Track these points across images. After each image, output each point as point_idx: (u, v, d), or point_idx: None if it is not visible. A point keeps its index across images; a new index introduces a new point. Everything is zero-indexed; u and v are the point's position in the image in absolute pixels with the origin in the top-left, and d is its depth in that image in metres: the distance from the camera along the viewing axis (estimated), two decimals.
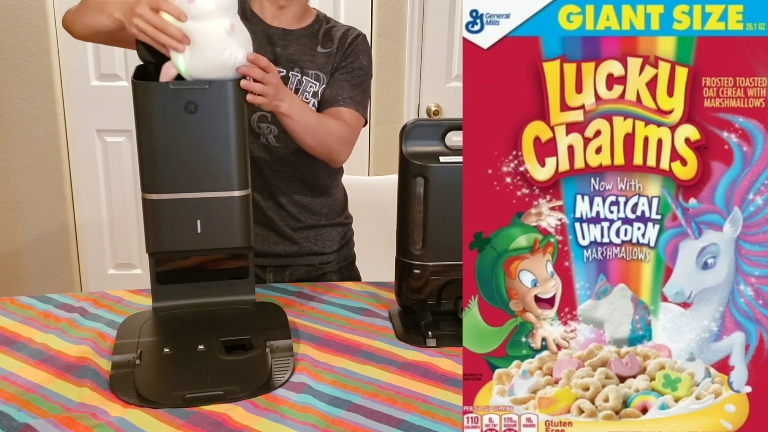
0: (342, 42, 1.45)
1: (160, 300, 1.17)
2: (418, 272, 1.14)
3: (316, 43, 1.44)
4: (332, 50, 1.44)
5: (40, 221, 2.68)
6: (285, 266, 1.50)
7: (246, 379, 1.00)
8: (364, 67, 1.46)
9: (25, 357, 1.06)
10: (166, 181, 1.09)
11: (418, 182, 1.10)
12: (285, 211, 1.47)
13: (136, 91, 1.05)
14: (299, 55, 1.42)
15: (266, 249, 1.48)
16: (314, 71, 1.42)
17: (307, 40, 1.44)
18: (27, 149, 2.58)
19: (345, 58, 1.44)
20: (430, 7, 2.71)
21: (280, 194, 1.46)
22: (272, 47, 1.41)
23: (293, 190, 1.46)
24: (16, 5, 2.42)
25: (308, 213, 1.49)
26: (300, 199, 1.47)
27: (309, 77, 1.41)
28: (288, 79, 1.40)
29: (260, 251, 1.48)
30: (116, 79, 2.55)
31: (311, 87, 1.41)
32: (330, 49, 1.43)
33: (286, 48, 1.41)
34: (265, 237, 1.47)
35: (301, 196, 1.47)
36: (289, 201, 1.46)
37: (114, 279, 2.86)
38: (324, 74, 1.42)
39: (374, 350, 1.12)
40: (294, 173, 1.45)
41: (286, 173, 1.44)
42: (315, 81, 1.41)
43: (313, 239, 1.50)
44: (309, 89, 1.41)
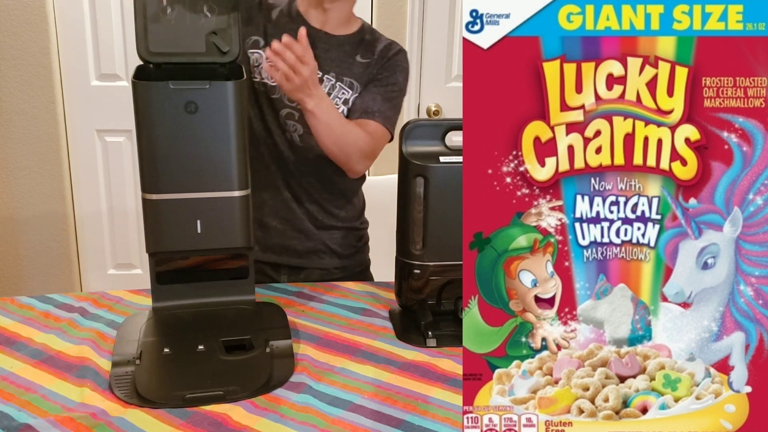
0: (382, 55, 1.44)
1: (160, 300, 1.17)
2: (418, 272, 1.14)
3: (356, 52, 1.44)
4: (371, 61, 1.44)
5: (40, 221, 2.68)
6: (300, 268, 1.51)
7: (246, 379, 1.00)
8: (399, 84, 1.45)
9: (25, 357, 1.06)
10: (166, 181, 1.09)
11: (418, 182, 1.10)
12: (304, 207, 1.48)
13: (136, 91, 1.05)
14: (338, 61, 1.42)
15: (282, 243, 1.48)
16: (349, 79, 1.42)
17: (349, 47, 1.44)
18: (27, 149, 2.58)
19: (382, 71, 1.44)
20: (430, 7, 2.71)
21: (301, 191, 1.47)
22: (312, 49, 1.41)
23: (313, 190, 1.47)
24: (16, 5, 2.42)
25: (326, 214, 1.50)
26: (319, 199, 1.48)
27: (343, 84, 1.42)
28: (322, 82, 1.40)
29: (276, 245, 1.49)
30: (116, 79, 2.55)
31: (343, 94, 1.42)
32: (369, 60, 1.43)
33: (327, 52, 1.42)
34: (282, 231, 1.48)
35: (321, 197, 1.48)
36: (308, 199, 1.47)
37: (114, 279, 2.86)
38: (358, 83, 1.43)
39: (374, 350, 1.12)
40: (315, 174, 1.45)
41: (307, 173, 1.45)
42: (348, 89, 1.42)
43: (329, 239, 1.51)
44: (341, 96, 1.42)
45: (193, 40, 1.08)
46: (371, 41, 1.46)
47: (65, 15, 2.48)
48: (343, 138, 1.32)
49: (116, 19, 2.54)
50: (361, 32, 1.46)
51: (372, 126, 1.37)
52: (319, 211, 1.48)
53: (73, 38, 2.52)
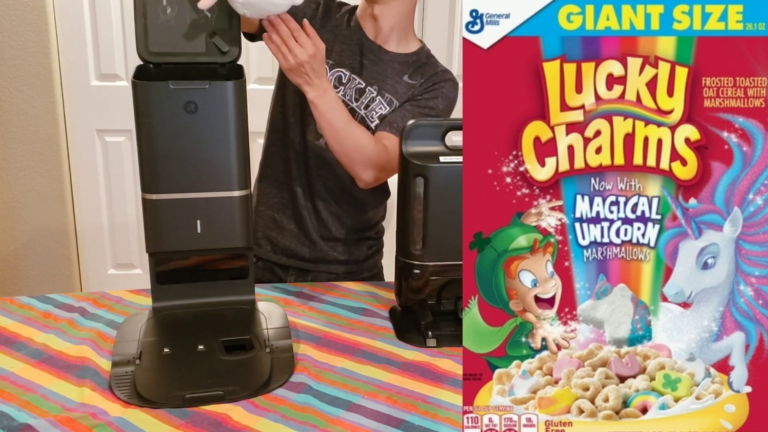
0: (429, 79, 1.42)
1: (160, 300, 1.17)
2: (418, 272, 1.14)
3: (406, 72, 1.42)
4: (416, 83, 1.42)
5: (40, 221, 2.68)
6: (307, 270, 1.51)
7: (246, 379, 1.00)
8: (437, 109, 1.41)
9: (25, 357, 1.06)
10: (166, 181, 1.09)
11: (418, 182, 1.09)
12: (319, 216, 1.47)
13: (136, 91, 1.05)
14: (384, 76, 1.41)
15: (293, 248, 1.49)
16: (390, 96, 1.41)
17: (399, 66, 1.42)
18: (27, 149, 2.58)
19: (423, 93, 1.41)
20: (430, 7, 2.71)
21: (319, 198, 1.46)
22: (360, 57, 1.41)
23: (333, 198, 1.47)
24: (16, 5, 2.42)
25: (340, 225, 1.49)
26: (337, 210, 1.48)
27: (383, 99, 1.40)
28: (363, 92, 1.40)
29: (288, 248, 1.50)
30: (116, 79, 2.55)
31: (381, 109, 1.40)
32: (415, 82, 1.42)
33: (375, 64, 1.41)
34: (296, 235, 1.49)
35: (339, 207, 1.48)
36: (325, 207, 1.47)
37: (114, 279, 2.86)
38: (397, 101, 1.41)
39: (374, 350, 1.12)
40: (336, 181, 1.45)
41: (329, 179, 1.45)
42: (387, 105, 1.40)
43: (338, 250, 1.51)
44: (378, 110, 1.40)
45: (193, 40, 1.08)
46: (425, 65, 1.44)
47: (65, 15, 2.48)
48: (346, 141, 1.30)
49: (116, 19, 2.54)
50: (417, 54, 1.45)
51: (389, 139, 1.34)
52: (333, 222, 1.48)
53: (73, 38, 2.52)
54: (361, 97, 1.40)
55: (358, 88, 1.40)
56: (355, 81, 1.41)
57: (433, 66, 1.45)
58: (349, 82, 1.41)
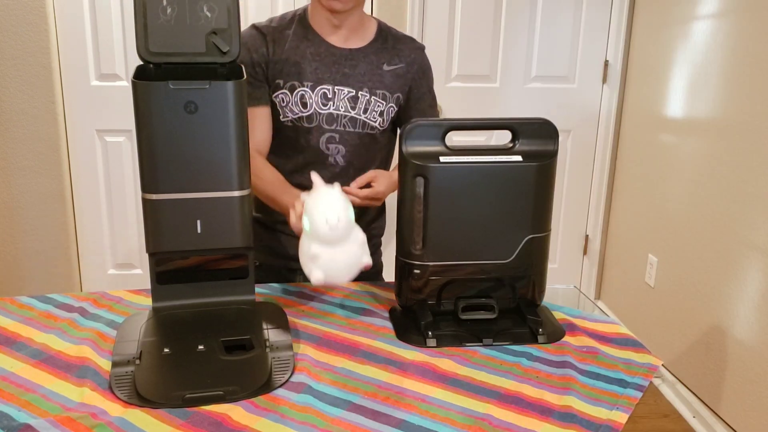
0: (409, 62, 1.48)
1: (160, 300, 1.17)
2: (418, 272, 1.14)
3: (382, 60, 1.45)
4: (400, 69, 1.46)
5: (40, 221, 2.69)
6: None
7: (246, 379, 1.00)
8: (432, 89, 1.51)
9: (25, 357, 1.06)
10: (166, 181, 1.09)
11: (418, 182, 1.09)
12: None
13: (136, 91, 1.05)
14: (368, 75, 1.44)
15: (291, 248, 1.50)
16: (381, 91, 1.44)
17: (374, 57, 1.45)
18: (27, 149, 2.58)
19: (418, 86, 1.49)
20: (430, 7, 2.72)
21: None
22: (339, 67, 1.43)
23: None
24: (16, 5, 2.43)
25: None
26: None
27: (377, 97, 1.44)
28: (357, 98, 1.42)
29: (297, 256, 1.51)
30: (116, 79, 2.55)
31: (378, 107, 1.44)
32: (396, 67, 1.45)
33: (355, 68, 1.43)
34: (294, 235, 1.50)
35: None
36: None
37: (114, 279, 2.86)
38: (390, 93, 1.45)
39: (374, 350, 1.12)
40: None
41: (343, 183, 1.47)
42: (382, 100, 1.44)
43: None
44: (377, 109, 1.44)
45: (193, 40, 1.08)
46: (392, 45, 1.47)
47: (65, 15, 2.48)
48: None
49: (116, 19, 2.54)
50: (380, 36, 1.47)
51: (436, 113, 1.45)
52: None
53: (73, 38, 2.53)
54: (356, 103, 1.42)
55: (349, 96, 1.43)
56: (343, 91, 1.43)
57: (399, 41, 1.49)
58: (336, 94, 1.43)
